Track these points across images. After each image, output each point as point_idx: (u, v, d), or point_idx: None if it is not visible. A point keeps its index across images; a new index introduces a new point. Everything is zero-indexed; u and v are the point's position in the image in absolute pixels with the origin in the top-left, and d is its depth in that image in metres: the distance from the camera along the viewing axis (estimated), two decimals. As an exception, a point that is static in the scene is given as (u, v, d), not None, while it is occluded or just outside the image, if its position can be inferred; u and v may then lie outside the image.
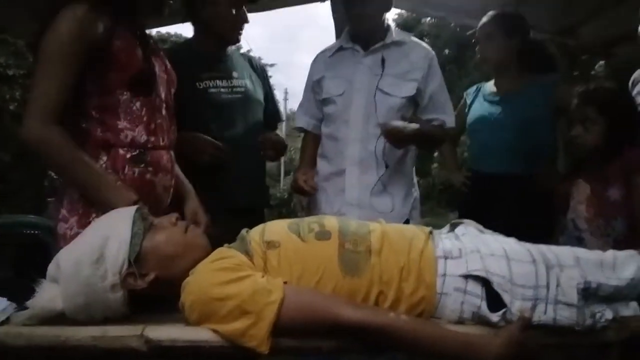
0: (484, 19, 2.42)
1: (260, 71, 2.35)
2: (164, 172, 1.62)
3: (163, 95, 1.64)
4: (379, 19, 2.06)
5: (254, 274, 1.19)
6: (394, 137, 1.91)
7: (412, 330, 1.13)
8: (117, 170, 1.51)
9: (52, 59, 1.41)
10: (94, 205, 1.47)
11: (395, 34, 2.10)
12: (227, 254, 1.25)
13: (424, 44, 2.18)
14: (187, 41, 2.31)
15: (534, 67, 2.39)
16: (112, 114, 1.52)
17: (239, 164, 2.07)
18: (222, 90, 2.12)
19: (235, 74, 2.18)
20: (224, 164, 2.02)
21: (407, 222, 2.04)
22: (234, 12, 2.07)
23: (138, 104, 1.55)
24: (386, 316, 1.15)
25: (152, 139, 1.58)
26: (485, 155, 2.38)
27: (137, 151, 1.55)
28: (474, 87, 2.60)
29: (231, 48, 2.26)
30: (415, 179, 2.21)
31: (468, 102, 2.54)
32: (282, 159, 17.26)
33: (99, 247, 1.21)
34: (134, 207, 1.32)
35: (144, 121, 1.56)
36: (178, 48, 2.31)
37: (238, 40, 2.21)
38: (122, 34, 1.51)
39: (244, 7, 2.11)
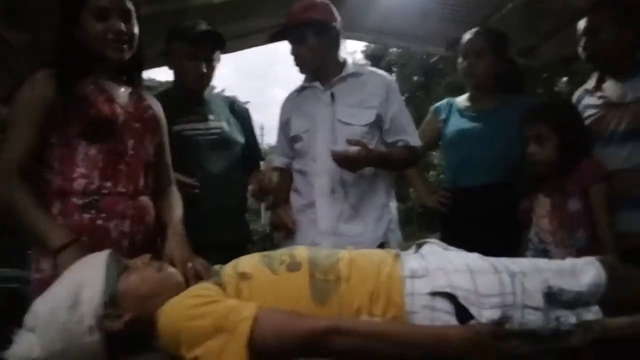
0: (473, 35, 2.43)
1: (240, 113, 2.42)
2: (121, 218, 1.64)
3: (130, 143, 1.69)
4: (316, 58, 2.15)
5: (227, 299, 1.22)
6: (341, 161, 1.99)
7: (384, 328, 1.18)
8: (66, 216, 1.57)
9: (16, 122, 1.58)
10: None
11: (352, 67, 2.21)
12: (200, 286, 1.29)
13: (381, 72, 2.28)
14: (165, 90, 2.41)
15: (508, 86, 2.44)
16: (70, 163, 1.60)
17: (216, 201, 2.13)
18: (197, 132, 2.19)
19: (211, 117, 2.25)
20: (199, 202, 2.05)
21: (382, 245, 2.09)
22: (195, 64, 2.18)
23: (94, 151, 1.62)
24: (356, 319, 1.21)
25: (108, 184, 1.62)
26: (466, 167, 2.39)
27: (90, 198, 1.60)
28: (444, 103, 2.59)
29: (210, 92, 2.35)
30: (390, 202, 2.26)
31: (442, 117, 2.53)
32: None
33: (73, 292, 1.23)
34: (107, 251, 1.35)
35: (99, 167, 1.62)
36: (158, 94, 2.34)
37: (204, 89, 2.29)
38: (83, 87, 1.62)
39: (208, 59, 2.21)
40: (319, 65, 2.17)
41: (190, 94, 2.26)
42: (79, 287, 1.25)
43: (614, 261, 1.54)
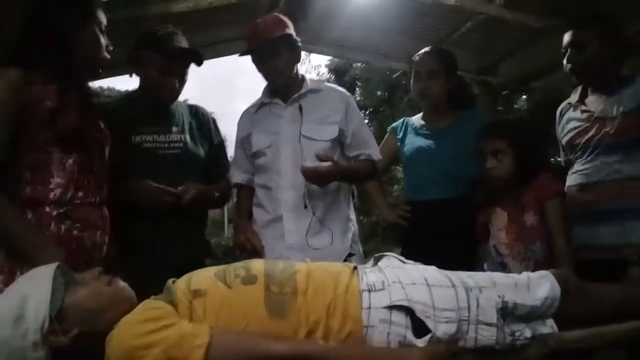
0: (424, 56, 2.47)
1: (206, 123, 2.30)
2: (93, 228, 1.62)
3: (95, 153, 1.67)
4: (288, 69, 2.16)
5: (180, 321, 1.18)
6: (311, 177, 2.00)
7: (342, 353, 1.17)
8: (42, 227, 1.51)
9: None
10: (23, 264, 1.44)
11: (310, 83, 2.21)
12: (152, 305, 1.24)
13: (339, 88, 2.31)
14: (129, 94, 2.25)
15: (460, 103, 2.50)
16: (45, 172, 1.54)
17: (174, 219, 2.03)
18: (157, 144, 2.08)
19: (174, 129, 2.14)
20: (153, 218, 1.97)
21: (350, 255, 2.12)
22: (168, 80, 2.07)
23: (71, 160, 1.58)
24: (315, 344, 1.18)
25: (81, 194, 1.59)
26: (423, 184, 2.43)
27: (64, 208, 1.55)
28: (400, 123, 2.65)
29: (177, 102, 2.22)
30: (352, 215, 2.28)
31: (399, 136, 2.59)
32: (226, 207, 17.03)
33: (18, 306, 1.18)
34: (55, 264, 1.30)
35: (75, 177, 1.58)
36: (118, 101, 2.24)
37: (171, 102, 2.17)
38: (55, 92, 1.55)
39: (181, 75, 2.10)
40: (288, 80, 2.17)
41: (156, 103, 2.13)
42: (24, 300, 1.19)
43: (568, 275, 1.57)
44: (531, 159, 2.02)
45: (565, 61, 2.15)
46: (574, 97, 2.22)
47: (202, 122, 2.28)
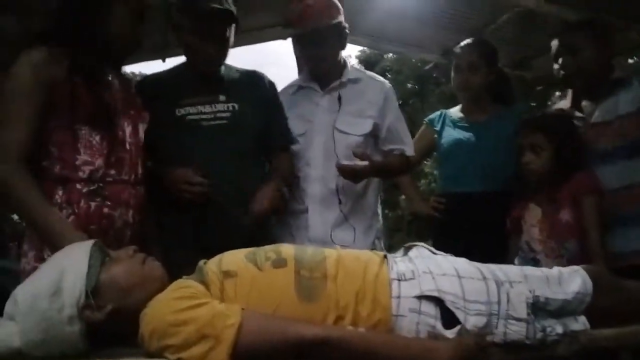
0: (466, 49, 2.46)
1: (263, 90, 2.07)
2: (125, 206, 1.63)
3: (128, 131, 1.67)
4: (334, 58, 2.13)
5: (211, 301, 1.19)
6: (349, 175, 1.98)
7: (372, 340, 1.17)
8: (72, 204, 1.53)
9: (12, 103, 1.49)
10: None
11: (351, 71, 2.18)
12: (184, 284, 1.26)
13: (379, 78, 2.26)
14: (177, 65, 2.10)
15: (499, 97, 2.48)
16: (71, 149, 1.55)
17: (218, 200, 1.86)
18: (202, 116, 1.92)
19: (222, 97, 1.95)
20: (208, 201, 1.84)
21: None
22: (203, 45, 1.89)
23: (98, 137, 1.58)
24: (344, 329, 1.19)
25: (112, 172, 1.60)
26: (461, 175, 2.42)
27: (96, 185, 1.57)
28: (437, 115, 2.63)
29: (228, 68, 2.03)
30: (379, 210, 2.26)
31: (436, 128, 2.57)
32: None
33: (55, 280, 1.21)
34: (91, 241, 1.32)
35: (104, 154, 1.59)
36: (163, 74, 2.10)
37: (212, 68, 1.98)
38: (81, 72, 1.56)
39: (219, 39, 1.90)
40: (332, 68, 2.13)
41: (200, 72, 1.97)
42: (61, 274, 1.22)
43: (601, 270, 1.55)
44: (569, 154, 1.99)
45: (557, 67, 2.12)
46: (564, 103, 2.19)
47: (258, 87, 2.07)
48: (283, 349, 1.14)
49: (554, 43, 2.14)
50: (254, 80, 2.07)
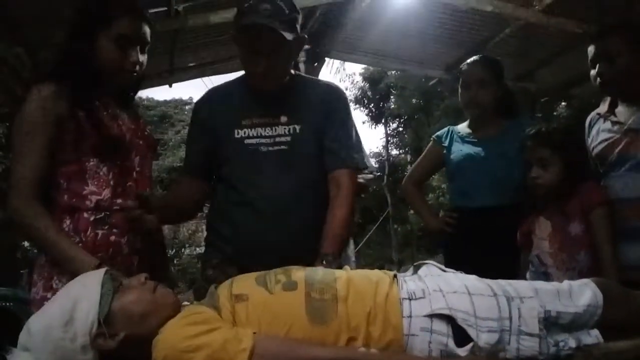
0: (473, 65, 2.46)
1: (328, 104, 1.85)
2: (132, 233, 1.64)
3: (136, 161, 1.70)
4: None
5: (223, 325, 1.20)
6: None
7: None
8: (80, 232, 1.56)
9: (25, 139, 1.53)
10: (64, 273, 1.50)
11: None
12: (196, 310, 1.26)
13: None
14: (237, 78, 1.94)
15: (506, 111, 2.48)
16: (79, 180, 1.59)
17: (275, 228, 1.73)
18: (262, 140, 1.78)
19: (283, 118, 1.79)
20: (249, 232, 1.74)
21: None
22: (252, 59, 1.73)
23: (105, 168, 1.62)
24: (357, 351, 1.19)
25: (120, 200, 1.62)
26: (472, 190, 2.41)
27: (102, 214, 1.59)
28: (445, 131, 2.62)
29: (299, 84, 1.86)
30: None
31: (445, 144, 2.56)
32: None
33: (68, 310, 1.22)
34: (103, 269, 1.34)
35: (111, 185, 1.62)
36: (226, 87, 1.93)
37: (267, 88, 1.80)
38: (88, 104, 1.60)
39: (270, 53, 1.70)
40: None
41: (259, 89, 1.81)
42: (74, 304, 1.23)
43: (610, 282, 1.54)
44: (578, 167, 1.98)
45: (594, 74, 2.05)
46: (602, 108, 2.15)
47: (326, 103, 1.85)
48: None
49: (590, 49, 2.06)
50: (322, 96, 1.86)
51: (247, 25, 1.67)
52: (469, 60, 2.50)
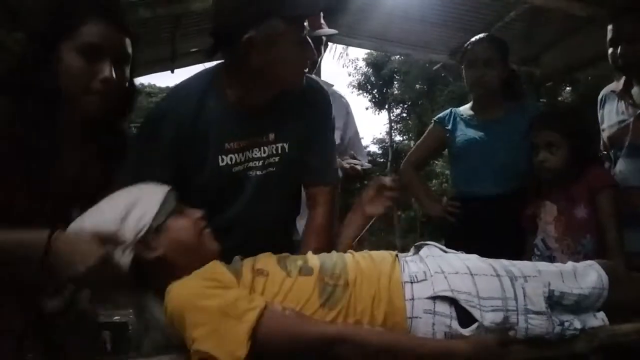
0: (480, 44, 2.38)
1: (319, 114, 1.67)
2: None
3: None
4: None
5: (239, 288, 1.23)
6: None
7: (391, 340, 1.18)
8: None
9: None
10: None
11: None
12: (218, 269, 1.28)
13: (341, 94, 2.36)
14: (208, 85, 1.56)
15: (511, 94, 2.42)
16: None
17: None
18: (251, 164, 1.56)
19: (271, 136, 1.57)
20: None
21: None
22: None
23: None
24: (364, 328, 1.22)
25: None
26: (475, 177, 2.37)
27: None
28: (447, 113, 2.55)
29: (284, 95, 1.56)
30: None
31: (448, 127, 2.49)
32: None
33: (127, 207, 1.26)
34: (168, 187, 1.36)
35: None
36: (196, 95, 1.54)
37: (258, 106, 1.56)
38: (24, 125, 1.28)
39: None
40: None
41: (260, 99, 1.55)
42: (134, 204, 1.27)
43: (615, 264, 1.54)
44: (584, 151, 1.97)
45: (615, 55, 2.01)
46: (617, 85, 2.11)
47: (306, 109, 1.62)
48: (303, 343, 1.15)
49: (610, 29, 2.03)
50: (305, 102, 1.62)
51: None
52: (473, 39, 2.43)
